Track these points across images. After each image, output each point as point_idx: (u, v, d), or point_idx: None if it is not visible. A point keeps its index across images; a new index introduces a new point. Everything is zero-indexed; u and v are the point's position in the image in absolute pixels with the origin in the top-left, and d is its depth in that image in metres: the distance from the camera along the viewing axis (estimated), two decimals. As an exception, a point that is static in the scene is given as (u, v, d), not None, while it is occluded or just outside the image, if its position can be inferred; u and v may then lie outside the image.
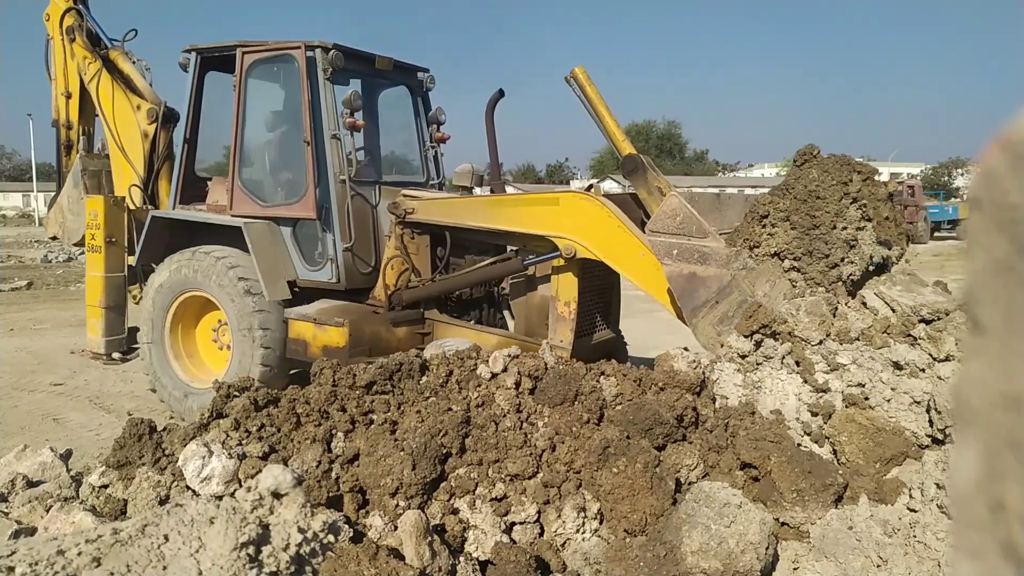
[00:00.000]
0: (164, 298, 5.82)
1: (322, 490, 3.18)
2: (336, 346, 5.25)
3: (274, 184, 6.06)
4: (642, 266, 4.47)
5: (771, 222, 3.68)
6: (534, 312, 5.46)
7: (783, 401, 4.15)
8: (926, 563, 2.77)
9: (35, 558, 2.04)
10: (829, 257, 3.52)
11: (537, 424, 3.68)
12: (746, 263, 3.71)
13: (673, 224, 4.00)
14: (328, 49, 5.42)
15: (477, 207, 5.50)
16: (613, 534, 3.23)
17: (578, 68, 5.13)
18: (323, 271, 5.59)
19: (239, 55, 5.64)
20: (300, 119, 5.49)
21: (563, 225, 4.85)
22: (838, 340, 4.33)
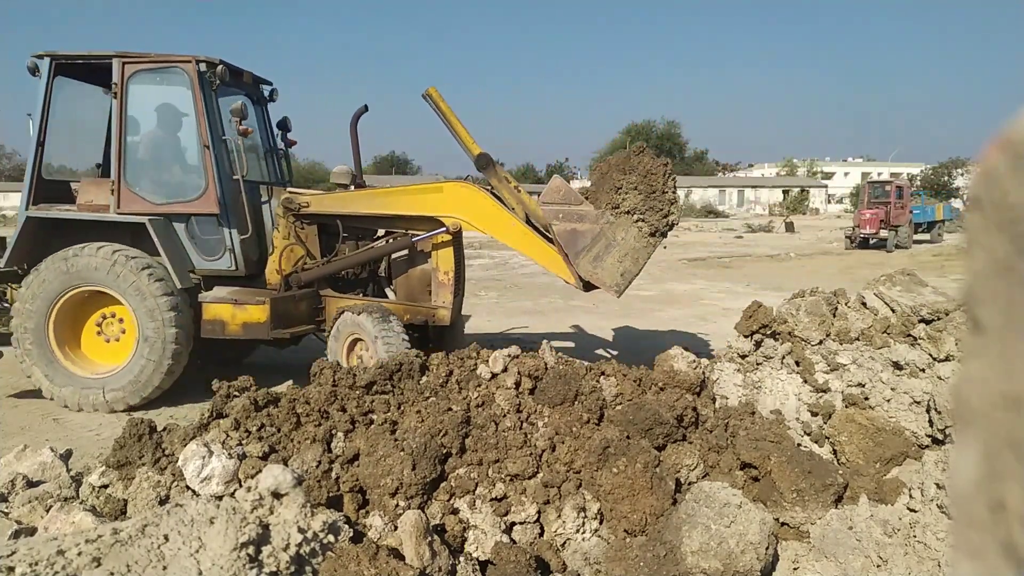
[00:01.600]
0: (47, 296, 5.94)
1: (322, 490, 3.18)
2: (257, 322, 6.10)
3: (168, 184, 6.60)
4: (513, 232, 5.93)
5: (624, 191, 5.20)
6: (414, 283, 6.72)
7: (783, 401, 4.16)
8: (926, 563, 2.77)
9: (35, 558, 2.04)
10: (662, 211, 5.17)
11: (537, 424, 3.68)
12: (609, 219, 5.28)
13: (558, 196, 5.44)
14: (216, 64, 6.20)
15: (372, 198, 6.59)
16: (613, 534, 3.23)
17: (431, 88, 6.16)
18: (222, 260, 6.31)
19: (119, 65, 6.09)
20: (193, 125, 6.21)
21: (449, 207, 6.14)
22: (838, 340, 4.33)
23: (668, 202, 5.14)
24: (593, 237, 5.32)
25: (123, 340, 6.20)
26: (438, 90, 6.06)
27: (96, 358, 6.21)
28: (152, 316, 5.88)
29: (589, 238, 5.33)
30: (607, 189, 5.30)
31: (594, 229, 5.31)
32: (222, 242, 6.27)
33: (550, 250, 5.77)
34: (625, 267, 5.29)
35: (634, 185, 5.14)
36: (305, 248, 6.60)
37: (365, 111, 6.92)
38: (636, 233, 5.23)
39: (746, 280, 15.89)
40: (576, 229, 5.37)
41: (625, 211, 5.21)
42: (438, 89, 6.07)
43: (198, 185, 6.24)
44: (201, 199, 6.18)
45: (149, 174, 6.54)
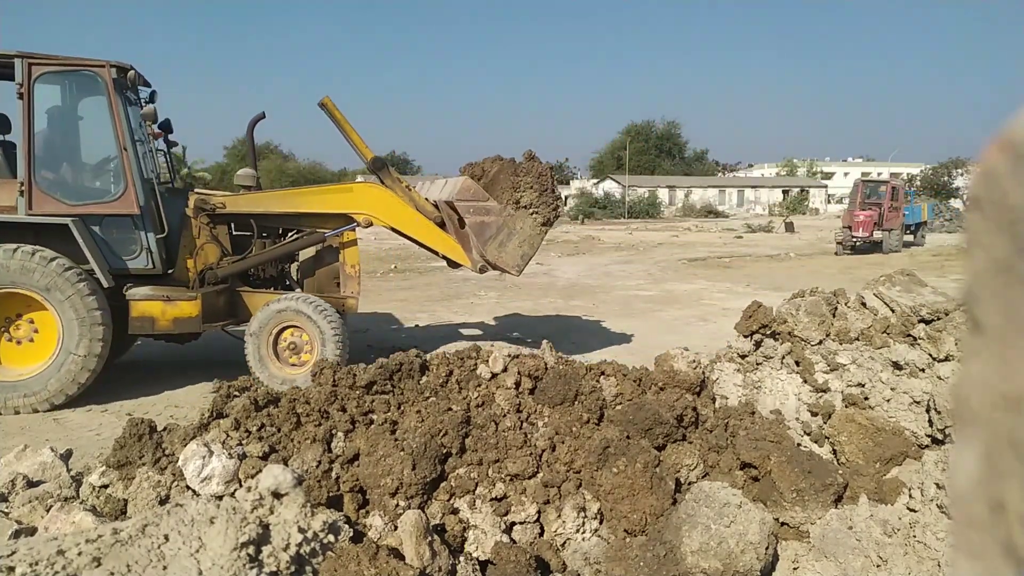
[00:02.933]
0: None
1: (322, 490, 3.18)
2: (189, 316, 6.43)
3: (83, 186, 6.69)
4: (418, 225, 6.90)
5: (521, 189, 6.31)
6: (323, 277, 7.32)
7: (783, 401, 4.16)
8: (926, 563, 2.77)
9: (35, 558, 2.04)
10: (551, 204, 6.37)
11: (537, 424, 3.68)
12: (510, 212, 6.35)
13: (468, 194, 6.40)
14: (128, 69, 6.40)
15: (285, 198, 7.26)
16: (613, 534, 3.23)
17: (326, 97, 6.76)
18: (139, 259, 6.47)
19: (23, 65, 6.00)
20: (105, 128, 6.30)
21: (360, 204, 6.92)
22: (838, 340, 4.34)
23: (556, 197, 6.43)
24: (498, 227, 6.36)
25: (37, 341, 6.13)
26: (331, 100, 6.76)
27: (7, 362, 6.08)
28: (77, 315, 5.91)
29: (495, 228, 6.36)
30: (506, 188, 6.37)
31: (498, 221, 6.34)
32: (138, 242, 6.44)
33: (449, 239, 6.85)
34: (524, 251, 6.43)
35: (530, 184, 6.30)
36: (218, 247, 6.94)
37: (263, 117, 7.65)
38: (532, 223, 6.37)
39: (746, 280, 15.89)
40: (484, 221, 6.35)
41: (523, 205, 6.33)
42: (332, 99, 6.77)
43: (116, 187, 6.36)
44: (120, 200, 6.29)
45: (62, 176, 6.54)
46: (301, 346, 6.46)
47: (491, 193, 6.39)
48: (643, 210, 53.91)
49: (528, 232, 6.36)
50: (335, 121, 6.79)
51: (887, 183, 25.82)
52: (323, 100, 6.74)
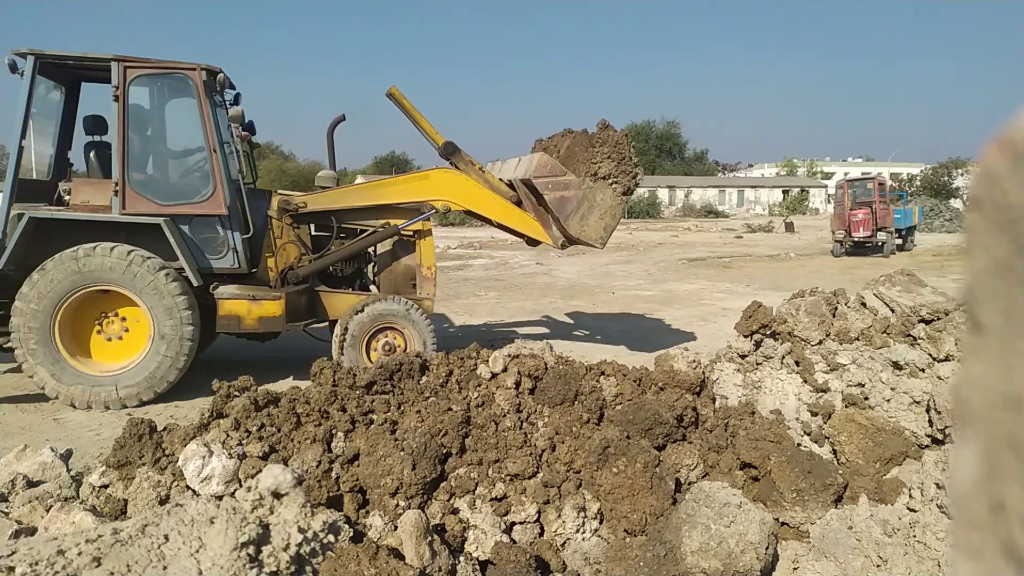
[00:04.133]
0: (55, 296, 5.91)
1: (322, 490, 3.18)
2: (273, 316, 6.51)
3: (173, 186, 6.84)
4: (495, 206, 7.01)
5: (599, 161, 6.25)
6: (398, 277, 7.44)
7: (783, 401, 4.16)
8: (926, 563, 2.77)
9: (35, 558, 2.04)
10: (631, 172, 6.30)
11: (537, 424, 3.68)
12: (589, 184, 6.32)
13: (546, 170, 6.37)
14: (217, 72, 6.47)
15: (365, 191, 7.28)
16: (613, 534, 3.23)
17: (393, 87, 6.86)
18: (225, 259, 6.56)
19: (119, 68, 6.16)
20: (195, 130, 6.44)
21: (436, 191, 6.99)
22: (838, 340, 4.34)
23: (634, 165, 6.34)
24: (578, 201, 6.34)
25: (126, 338, 6.27)
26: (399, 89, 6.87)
27: (97, 357, 6.23)
28: (170, 314, 6.03)
29: (575, 202, 6.35)
30: (583, 160, 6.34)
31: (578, 194, 6.33)
32: (225, 242, 6.52)
33: (527, 217, 6.98)
34: (606, 223, 6.42)
35: (607, 155, 6.24)
36: (298, 247, 7.03)
37: (343, 120, 7.70)
38: (611, 193, 6.34)
39: (746, 280, 15.89)
40: (564, 196, 6.35)
41: (602, 176, 6.29)
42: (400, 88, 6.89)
43: (205, 187, 6.45)
44: (209, 201, 6.40)
45: (153, 176, 6.71)
46: (395, 346, 6.57)
47: (568, 167, 6.37)
48: (643, 210, 53.90)
49: (609, 203, 6.33)
50: (403, 110, 6.90)
51: (873, 179, 24.00)
52: (390, 90, 6.84)
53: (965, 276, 0.48)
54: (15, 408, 6.10)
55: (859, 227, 21.92)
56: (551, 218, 6.63)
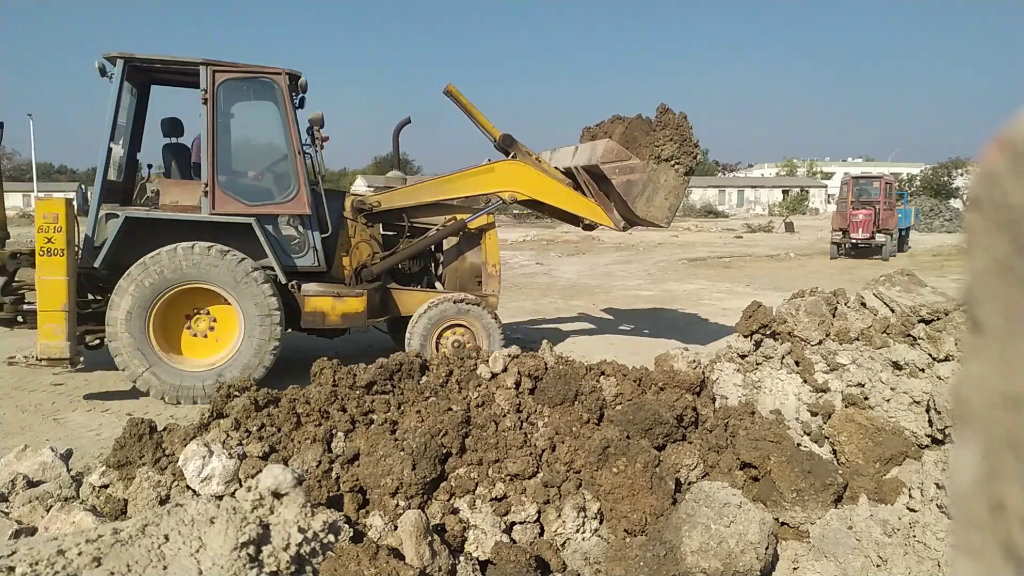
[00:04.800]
0: (150, 294, 6.04)
1: (322, 490, 3.18)
2: (356, 312, 6.73)
3: (259, 187, 6.98)
4: (559, 193, 7.26)
5: (661, 144, 6.50)
6: (464, 275, 7.63)
7: (783, 401, 4.16)
8: (926, 563, 2.77)
9: (35, 558, 2.04)
10: (690, 154, 6.54)
11: (537, 424, 3.68)
12: (653, 167, 6.60)
13: (612, 155, 6.65)
14: (298, 76, 6.66)
15: (434, 186, 7.44)
16: (613, 534, 3.23)
17: (450, 85, 7.12)
18: (306, 257, 6.73)
19: (208, 72, 6.30)
20: (277, 132, 6.64)
21: (504, 181, 7.24)
22: (838, 340, 4.34)
23: (694, 145, 6.56)
24: (643, 184, 6.62)
25: (212, 336, 6.42)
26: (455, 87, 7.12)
27: (185, 352, 6.35)
28: (260, 312, 6.19)
29: (641, 185, 6.62)
30: (645, 144, 6.60)
31: (643, 177, 6.60)
32: (306, 241, 6.72)
33: (589, 202, 7.17)
34: (671, 203, 6.67)
35: (669, 137, 6.50)
36: (371, 245, 7.27)
37: (408, 123, 7.91)
38: (674, 174, 6.59)
39: (746, 280, 15.89)
40: (630, 179, 6.62)
41: (664, 159, 6.55)
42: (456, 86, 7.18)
43: (289, 188, 6.67)
44: (293, 201, 6.62)
45: (240, 177, 6.91)
46: (463, 343, 6.67)
47: (630, 151, 6.61)
48: (643, 210, 53.77)
49: (672, 184, 6.57)
50: (461, 106, 7.19)
51: (880, 178, 22.74)
52: (448, 88, 7.09)
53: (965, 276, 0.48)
54: (15, 408, 6.10)
55: (858, 228, 20.77)
56: (612, 202, 6.92)
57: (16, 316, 6.28)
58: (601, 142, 6.80)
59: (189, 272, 6.07)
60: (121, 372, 6.13)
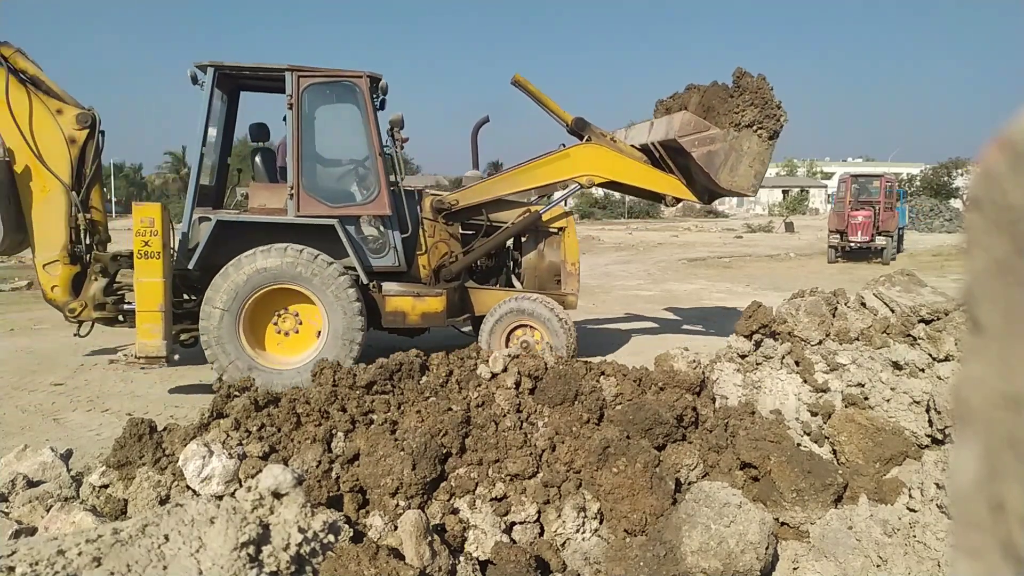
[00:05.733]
0: (242, 294, 6.24)
1: (322, 490, 3.18)
2: (435, 312, 6.75)
3: (341, 189, 7.13)
4: (638, 171, 7.15)
5: (741, 109, 6.30)
6: (543, 274, 7.56)
7: (783, 401, 4.16)
8: (926, 563, 2.77)
9: (35, 558, 2.04)
10: (773, 116, 6.27)
11: (537, 424, 3.68)
12: (733, 135, 6.34)
13: (690, 127, 6.42)
14: (379, 79, 6.71)
15: (510, 179, 7.38)
16: (613, 534, 3.23)
17: (517, 74, 7.09)
18: (387, 258, 6.81)
19: (293, 78, 6.43)
20: (359, 135, 6.71)
21: (581, 166, 7.13)
22: (838, 340, 4.34)
23: (777, 107, 6.29)
24: (725, 153, 6.36)
25: (297, 334, 6.54)
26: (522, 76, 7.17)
27: (270, 350, 6.47)
28: (344, 312, 6.29)
29: (723, 154, 6.36)
30: (724, 112, 6.36)
31: (725, 146, 6.34)
32: (387, 241, 6.80)
33: (669, 177, 7.04)
34: (756, 170, 6.41)
35: (749, 101, 6.26)
36: (449, 244, 7.30)
37: (487, 121, 7.90)
38: (757, 140, 6.33)
39: (746, 280, 15.89)
40: (711, 150, 6.37)
41: (746, 125, 6.29)
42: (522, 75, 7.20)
43: (370, 190, 6.77)
44: (374, 202, 6.70)
45: (324, 180, 7.05)
46: (533, 345, 6.61)
47: (715, 119, 6.41)
48: (643, 210, 53.89)
49: (756, 150, 6.34)
50: (529, 94, 7.15)
51: (880, 177, 21.74)
52: (515, 77, 7.08)
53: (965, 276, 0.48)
54: (15, 408, 6.11)
55: (857, 230, 19.63)
56: (694, 175, 6.71)
57: (117, 316, 6.51)
58: (677, 115, 6.61)
59: (280, 273, 6.24)
60: (211, 367, 6.35)
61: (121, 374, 7.21)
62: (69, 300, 6.43)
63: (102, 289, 6.42)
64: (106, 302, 6.41)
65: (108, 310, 6.44)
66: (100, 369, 7.45)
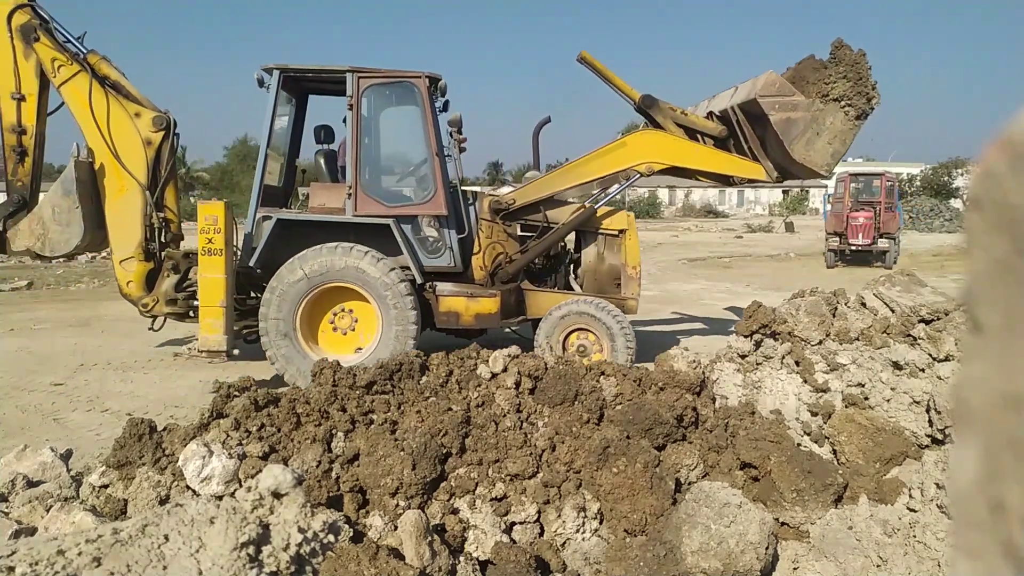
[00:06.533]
0: (300, 292, 6.36)
1: (322, 490, 3.18)
2: (489, 313, 6.70)
3: (399, 189, 7.18)
4: (699, 155, 6.82)
5: (833, 80, 5.86)
6: (603, 277, 7.36)
7: (783, 401, 4.16)
8: (926, 563, 2.77)
9: (35, 558, 2.04)
10: (864, 95, 5.83)
11: (537, 424, 3.68)
12: (819, 106, 5.91)
13: (774, 89, 6.03)
14: (439, 79, 6.69)
15: (567, 173, 7.18)
16: (613, 534, 3.23)
17: (584, 51, 6.83)
18: (443, 258, 6.80)
19: (354, 79, 6.52)
20: (418, 135, 6.72)
21: (638, 155, 6.85)
22: (838, 340, 4.34)
23: (871, 86, 5.89)
24: (806, 124, 5.97)
25: (353, 333, 6.64)
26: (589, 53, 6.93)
27: (325, 347, 6.54)
28: (398, 311, 6.36)
29: (802, 125, 5.98)
30: (813, 81, 6.03)
31: (806, 116, 5.96)
32: (443, 241, 6.80)
33: (733, 158, 6.72)
34: (834, 148, 5.98)
35: (842, 74, 5.85)
36: (507, 245, 7.19)
37: (548, 122, 7.69)
38: (843, 117, 5.91)
39: (746, 280, 15.89)
40: (791, 118, 6.00)
41: (833, 98, 5.89)
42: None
43: (427, 190, 6.77)
44: (431, 202, 6.69)
45: (381, 180, 7.08)
46: (590, 348, 6.52)
47: (803, 87, 6.11)
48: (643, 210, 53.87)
49: (839, 127, 5.94)
50: (596, 71, 6.96)
51: (881, 176, 20.42)
52: (581, 54, 6.91)
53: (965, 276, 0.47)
54: (15, 408, 6.11)
55: (858, 232, 18.34)
56: (768, 147, 6.36)
57: (188, 311, 6.71)
58: (763, 75, 6.21)
59: (337, 272, 6.34)
60: (270, 364, 6.45)
61: (121, 374, 7.21)
62: (143, 295, 6.74)
63: (174, 285, 6.71)
64: (177, 298, 6.68)
65: (179, 305, 6.71)
66: (100, 369, 7.45)
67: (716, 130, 6.80)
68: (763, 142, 6.48)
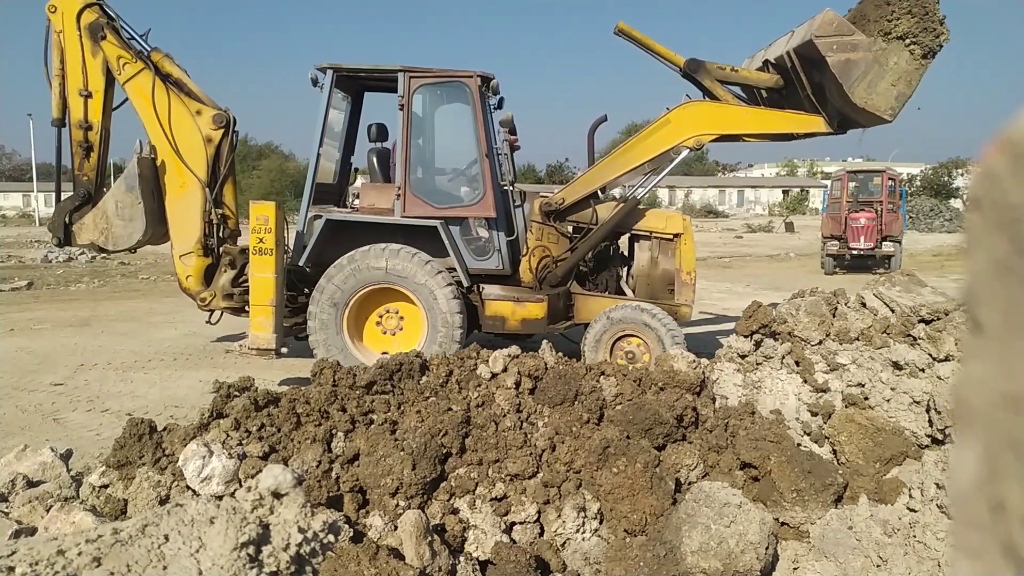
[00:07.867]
0: (347, 292, 6.41)
1: (322, 490, 3.18)
2: (535, 318, 6.59)
3: (448, 190, 7.13)
4: (747, 119, 6.45)
5: (896, 16, 5.45)
6: (656, 282, 7.07)
7: (783, 401, 4.16)
8: (926, 563, 2.77)
9: (35, 558, 2.04)
10: (934, 31, 5.39)
11: (537, 424, 3.68)
12: (881, 46, 5.49)
13: (831, 28, 5.57)
14: (491, 78, 6.63)
15: (613, 161, 6.84)
16: (613, 534, 3.23)
17: (621, 23, 6.50)
18: (491, 260, 6.76)
19: (405, 78, 6.50)
20: (468, 136, 6.64)
21: (684, 129, 6.44)
22: (838, 340, 4.34)
23: (939, 21, 5.47)
24: (867, 65, 5.54)
25: (400, 333, 6.68)
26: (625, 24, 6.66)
27: (371, 346, 6.62)
28: (443, 312, 6.36)
29: (863, 66, 5.55)
30: (875, 19, 5.62)
31: (867, 57, 5.53)
32: (491, 244, 6.76)
33: (785, 115, 6.31)
34: (899, 90, 5.57)
35: (907, 10, 5.46)
36: (556, 248, 7.00)
37: (604, 120, 7.47)
38: (908, 57, 5.50)
39: (746, 280, 15.88)
40: (850, 59, 5.56)
41: (897, 36, 5.49)
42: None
43: (476, 191, 6.73)
44: (479, 204, 6.66)
45: (431, 181, 7.08)
46: (638, 355, 6.34)
47: (864, 26, 5.68)
48: (643, 210, 53.78)
49: (904, 68, 5.51)
50: (636, 41, 6.70)
51: (882, 173, 18.80)
52: (619, 26, 6.62)
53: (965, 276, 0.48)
54: (15, 408, 6.11)
55: (860, 235, 16.78)
56: (828, 94, 5.91)
57: (244, 306, 6.73)
58: (820, 14, 5.73)
59: (385, 274, 6.38)
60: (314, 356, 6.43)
61: (121, 374, 7.21)
62: (201, 290, 6.82)
63: (231, 280, 6.80)
64: (233, 293, 6.77)
65: (235, 300, 6.79)
66: (100, 369, 7.45)
67: (771, 81, 6.35)
68: (822, 89, 6.02)
